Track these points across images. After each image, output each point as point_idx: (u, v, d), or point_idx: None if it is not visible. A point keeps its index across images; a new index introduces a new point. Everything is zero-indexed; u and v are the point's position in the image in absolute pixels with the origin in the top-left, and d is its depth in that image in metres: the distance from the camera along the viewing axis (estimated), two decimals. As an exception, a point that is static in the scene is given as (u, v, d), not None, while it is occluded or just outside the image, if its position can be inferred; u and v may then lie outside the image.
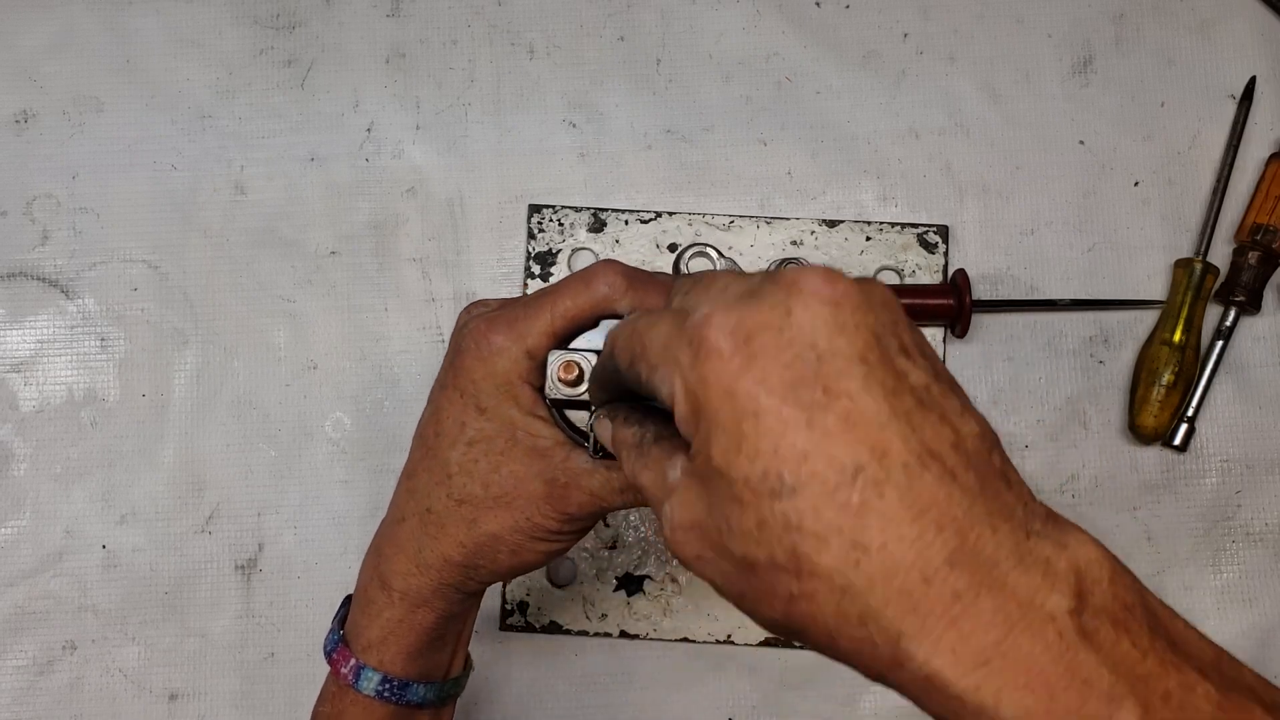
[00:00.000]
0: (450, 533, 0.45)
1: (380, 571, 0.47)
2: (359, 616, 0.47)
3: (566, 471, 0.44)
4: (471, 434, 0.44)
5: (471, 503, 0.44)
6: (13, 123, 0.70)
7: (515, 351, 0.43)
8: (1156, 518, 0.67)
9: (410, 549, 0.46)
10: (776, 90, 0.71)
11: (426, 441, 0.45)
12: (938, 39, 0.71)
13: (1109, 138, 0.70)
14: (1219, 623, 0.66)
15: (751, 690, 0.66)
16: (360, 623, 0.47)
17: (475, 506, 0.44)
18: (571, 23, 0.71)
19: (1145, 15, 0.71)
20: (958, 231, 0.69)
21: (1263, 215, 0.67)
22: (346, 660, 0.47)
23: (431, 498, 0.45)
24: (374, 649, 0.47)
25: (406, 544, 0.46)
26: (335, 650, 0.47)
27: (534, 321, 0.43)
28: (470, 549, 0.45)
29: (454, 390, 0.44)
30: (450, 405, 0.44)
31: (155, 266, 0.69)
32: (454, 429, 0.44)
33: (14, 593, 0.66)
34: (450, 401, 0.44)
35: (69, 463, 0.67)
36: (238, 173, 0.70)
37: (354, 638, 0.47)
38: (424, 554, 0.46)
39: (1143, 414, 0.66)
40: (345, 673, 0.46)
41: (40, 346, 0.68)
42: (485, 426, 0.44)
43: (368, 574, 0.48)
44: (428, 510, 0.45)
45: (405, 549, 0.46)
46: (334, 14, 0.71)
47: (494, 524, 0.44)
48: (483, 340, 0.44)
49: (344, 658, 0.47)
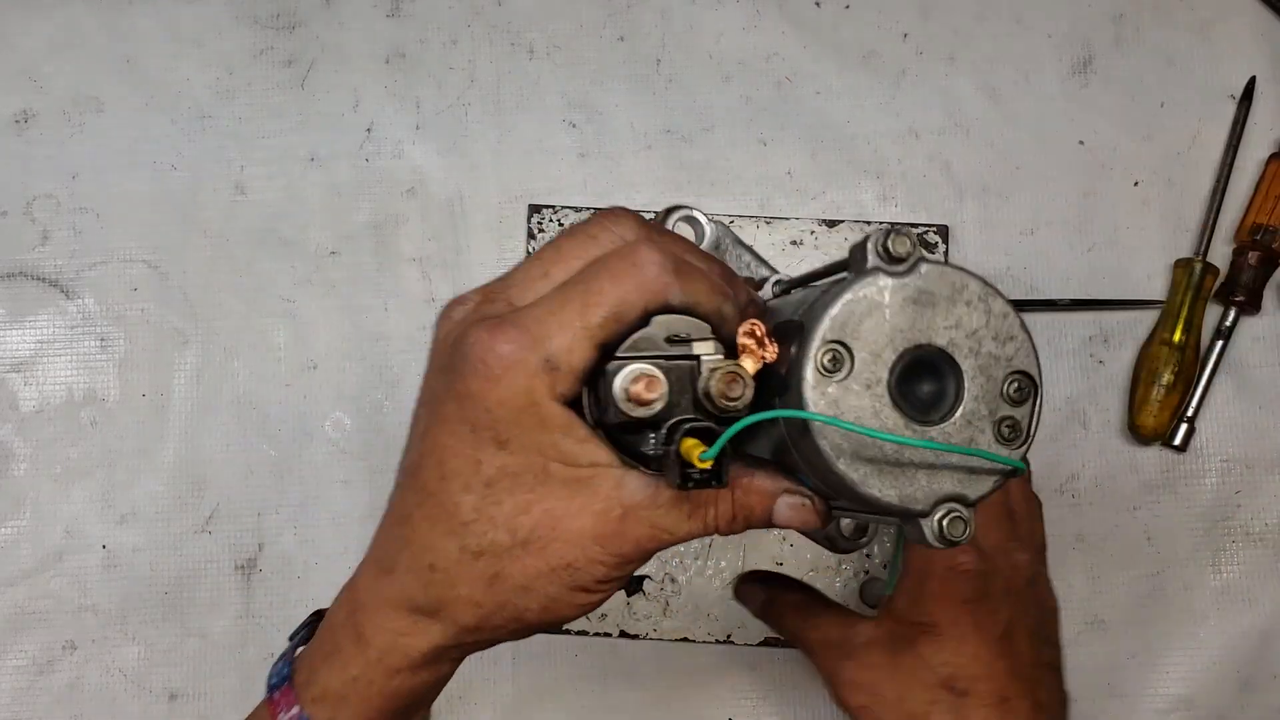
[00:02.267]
0: (462, 592, 0.37)
1: (357, 621, 0.39)
2: (319, 659, 0.40)
3: (621, 501, 0.36)
4: (490, 473, 0.35)
5: (493, 553, 0.36)
6: (13, 123, 0.70)
7: (532, 362, 0.34)
8: (1156, 518, 0.67)
9: (401, 605, 0.38)
10: (776, 90, 0.71)
11: (425, 485, 0.36)
12: (937, 39, 0.71)
13: (1109, 138, 0.70)
14: (1219, 623, 0.66)
15: (751, 690, 0.66)
16: (319, 667, 0.39)
17: (498, 558, 0.36)
18: (571, 23, 0.71)
19: (1145, 15, 0.71)
20: (957, 231, 0.69)
21: (1262, 215, 0.67)
22: (289, 706, 0.39)
23: (436, 552, 0.36)
24: (328, 703, 0.39)
25: (396, 599, 0.38)
26: (279, 689, 0.40)
27: (557, 321, 0.34)
28: (489, 609, 0.37)
29: (460, 423, 0.35)
30: (457, 441, 0.35)
31: (155, 266, 0.69)
32: (466, 469, 0.35)
33: (14, 592, 0.66)
34: (456, 436, 0.35)
35: (69, 463, 0.67)
36: (238, 173, 0.70)
37: (306, 681, 0.39)
38: (421, 615, 0.38)
39: (1142, 414, 0.66)
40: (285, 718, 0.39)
41: (40, 346, 0.68)
42: (509, 462, 0.35)
43: (341, 615, 0.40)
44: (430, 566, 0.37)
45: (394, 604, 0.38)
46: (334, 14, 0.71)
47: (523, 575, 0.36)
48: (489, 354, 0.34)
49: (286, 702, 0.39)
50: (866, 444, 0.34)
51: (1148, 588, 0.66)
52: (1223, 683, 0.65)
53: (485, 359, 0.34)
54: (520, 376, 0.34)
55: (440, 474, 0.36)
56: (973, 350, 0.35)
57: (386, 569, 0.38)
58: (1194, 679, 0.65)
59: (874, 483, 0.34)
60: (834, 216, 0.69)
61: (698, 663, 0.66)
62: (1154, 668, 0.66)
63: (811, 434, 0.34)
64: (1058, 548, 0.67)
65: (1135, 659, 0.66)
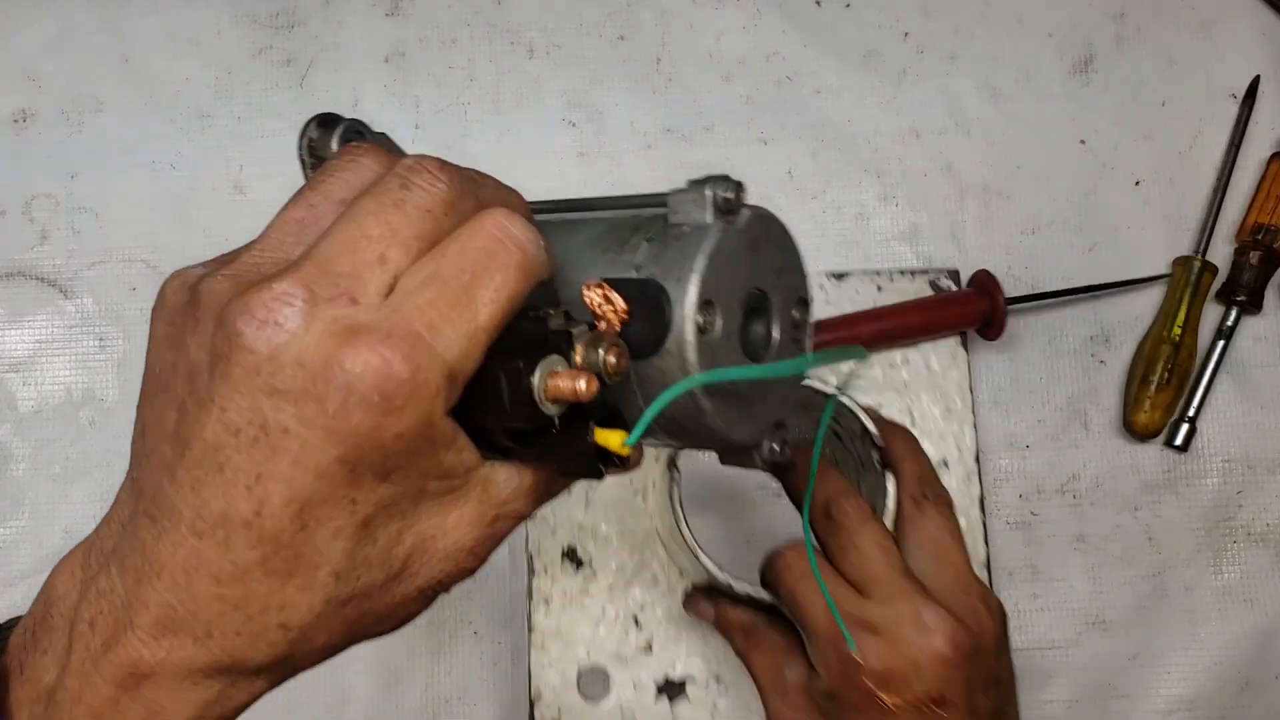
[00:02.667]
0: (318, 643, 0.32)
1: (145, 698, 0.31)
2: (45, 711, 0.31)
3: (492, 504, 0.33)
4: (367, 511, 0.30)
5: (364, 594, 0.31)
6: (11, 122, 0.70)
7: (434, 383, 0.28)
8: (1158, 518, 0.67)
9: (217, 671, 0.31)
10: (777, 90, 0.70)
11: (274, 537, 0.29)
12: (938, 38, 0.71)
13: (1110, 137, 0.70)
14: (1220, 624, 0.66)
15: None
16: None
17: (367, 597, 0.31)
18: (571, 22, 0.71)
19: (1146, 14, 0.71)
20: (958, 231, 0.69)
21: (1264, 215, 0.67)
22: None
23: (290, 610, 0.30)
24: None
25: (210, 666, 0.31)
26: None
27: (451, 328, 0.29)
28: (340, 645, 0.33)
29: (332, 463, 0.28)
30: (323, 484, 0.29)
31: (154, 266, 0.69)
32: (337, 513, 0.29)
33: (13, 593, 0.66)
34: (323, 479, 0.29)
35: (68, 463, 0.67)
36: (237, 172, 0.69)
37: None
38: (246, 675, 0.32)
39: (1136, 410, 0.66)
40: None
41: (39, 346, 0.68)
42: (387, 494, 0.30)
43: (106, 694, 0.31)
44: (281, 625, 0.31)
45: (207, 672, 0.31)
46: (333, 13, 0.71)
47: (389, 604, 0.32)
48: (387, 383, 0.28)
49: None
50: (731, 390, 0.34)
51: (1149, 588, 0.66)
52: (1224, 683, 0.65)
53: (383, 389, 0.28)
54: (423, 401, 0.28)
55: (299, 523, 0.29)
56: (778, 287, 0.36)
57: (197, 634, 0.30)
58: (1195, 679, 0.65)
59: (739, 427, 0.35)
60: (834, 217, 0.69)
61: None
62: (1155, 668, 0.66)
63: (695, 393, 0.33)
64: (1059, 548, 0.67)
65: (1136, 659, 0.66)
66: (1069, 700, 0.65)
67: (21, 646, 0.33)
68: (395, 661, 0.65)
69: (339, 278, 0.29)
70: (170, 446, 0.30)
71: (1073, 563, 0.67)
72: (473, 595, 0.66)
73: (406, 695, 0.65)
